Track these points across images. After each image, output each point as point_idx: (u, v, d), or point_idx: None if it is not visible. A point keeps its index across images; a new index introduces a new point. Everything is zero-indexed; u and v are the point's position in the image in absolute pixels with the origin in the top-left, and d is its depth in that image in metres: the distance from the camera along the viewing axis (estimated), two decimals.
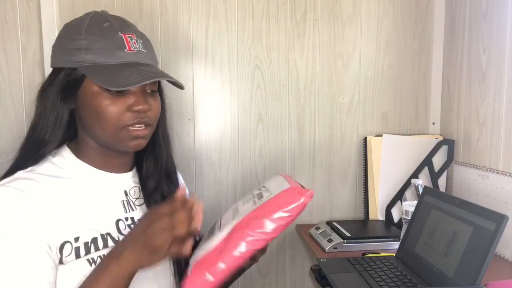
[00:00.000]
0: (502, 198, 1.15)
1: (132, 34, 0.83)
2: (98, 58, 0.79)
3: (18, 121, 1.35)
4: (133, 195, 0.91)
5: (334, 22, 1.46)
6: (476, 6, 1.29)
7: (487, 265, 0.82)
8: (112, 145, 0.83)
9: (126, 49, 0.81)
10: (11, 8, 1.32)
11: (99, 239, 0.80)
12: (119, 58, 0.80)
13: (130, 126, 0.80)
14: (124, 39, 0.81)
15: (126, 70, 0.78)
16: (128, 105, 0.80)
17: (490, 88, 1.22)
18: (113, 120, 0.79)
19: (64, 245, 0.75)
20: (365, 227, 1.43)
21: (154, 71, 0.82)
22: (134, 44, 0.82)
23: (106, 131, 0.80)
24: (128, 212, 0.87)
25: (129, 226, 0.86)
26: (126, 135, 0.81)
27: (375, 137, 1.46)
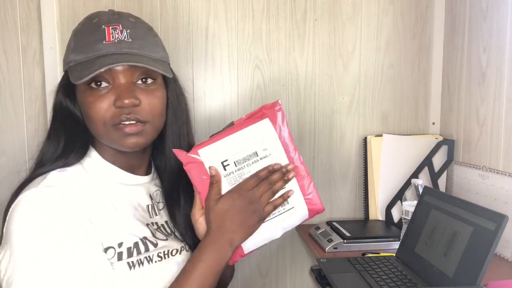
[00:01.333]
0: (502, 198, 1.15)
1: (118, 25, 0.78)
2: (79, 55, 0.76)
3: (18, 121, 1.35)
4: (156, 199, 0.89)
5: (334, 22, 1.46)
6: (476, 6, 1.29)
7: (487, 265, 0.82)
8: (112, 145, 0.81)
9: (105, 41, 0.76)
10: (11, 8, 1.32)
11: (140, 243, 0.79)
12: (96, 51, 0.75)
13: (118, 123, 0.76)
14: (106, 31, 0.76)
15: (96, 61, 0.74)
16: (112, 101, 0.75)
17: (490, 88, 1.22)
18: (98, 118, 0.76)
19: (107, 249, 0.75)
20: (365, 227, 1.43)
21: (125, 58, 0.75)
22: (117, 34, 0.77)
23: (97, 130, 0.78)
24: (152, 217, 0.86)
25: (156, 230, 0.85)
26: (118, 134, 0.77)
27: (375, 137, 1.46)
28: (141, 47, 0.79)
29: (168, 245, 0.84)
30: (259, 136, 0.81)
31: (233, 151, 0.81)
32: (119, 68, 0.76)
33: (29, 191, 0.72)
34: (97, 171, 0.82)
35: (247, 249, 0.83)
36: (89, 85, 0.76)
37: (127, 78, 0.76)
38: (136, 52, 0.77)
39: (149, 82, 0.79)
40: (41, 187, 0.73)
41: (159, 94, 0.81)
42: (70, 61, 0.78)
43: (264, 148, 0.81)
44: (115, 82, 0.76)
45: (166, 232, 0.87)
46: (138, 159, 0.87)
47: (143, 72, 0.78)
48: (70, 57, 0.78)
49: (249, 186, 0.79)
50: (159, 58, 0.82)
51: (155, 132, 0.82)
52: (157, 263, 0.80)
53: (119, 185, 0.83)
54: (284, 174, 0.81)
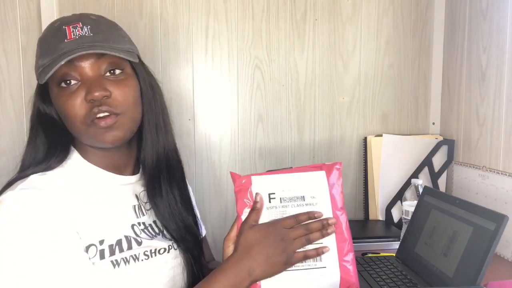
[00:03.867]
0: (502, 198, 1.15)
1: (78, 23, 0.77)
2: (44, 60, 0.77)
3: (18, 121, 1.35)
4: (144, 199, 0.88)
5: (334, 22, 1.46)
6: (476, 6, 1.29)
7: (487, 265, 0.82)
8: (93, 144, 0.80)
9: (66, 39, 0.75)
10: (11, 8, 1.32)
11: (123, 240, 0.79)
12: (59, 51, 0.75)
13: (94, 118, 0.75)
14: (66, 30, 0.76)
15: (58, 60, 0.74)
16: (83, 97, 0.75)
17: (490, 88, 1.22)
18: (73, 115, 0.76)
19: (89, 247, 0.74)
20: (365, 227, 1.43)
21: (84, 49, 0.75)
22: (77, 31, 0.76)
23: (76, 129, 0.77)
24: (139, 217, 0.85)
25: (143, 230, 0.84)
26: (95, 129, 0.76)
27: (375, 137, 1.46)
28: (104, 40, 0.78)
29: (154, 244, 0.84)
30: (311, 184, 0.82)
31: (282, 188, 0.81)
32: (85, 63, 0.76)
33: (5, 195, 0.71)
34: (79, 173, 0.81)
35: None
36: (59, 85, 0.76)
37: (95, 71, 0.76)
38: (98, 44, 0.77)
39: (117, 72, 0.79)
40: (18, 189, 0.72)
41: (130, 83, 0.80)
42: (39, 67, 0.78)
43: (313, 196, 0.81)
44: (84, 78, 0.76)
45: (153, 232, 0.86)
46: (122, 159, 0.86)
47: (110, 64, 0.78)
48: (38, 63, 0.78)
49: (287, 225, 0.77)
50: (125, 49, 0.80)
51: (132, 123, 0.81)
52: (143, 261, 0.80)
53: (103, 187, 0.82)
54: (324, 226, 0.78)
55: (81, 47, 0.75)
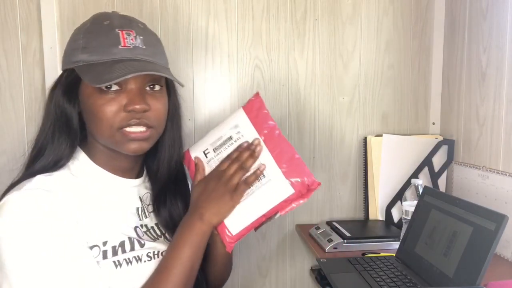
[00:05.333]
0: (502, 198, 1.15)
1: (131, 30, 0.79)
2: (92, 57, 0.76)
3: (18, 121, 1.35)
4: (146, 201, 0.90)
5: (334, 22, 1.46)
6: (476, 6, 1.29)
7: (487, 265, 0.82)
8: (113, 148, 0.81)
9: (121, 46, 0.77)
10: (11, 8, 1.32)
11: (127, 242, 0.79)
12: (112, 55, 0.76)
13: (126, 127, 0.77)
14: (120, 35, 0.77)
15: (115, 66, 0.75)
16: (123, 105, 0.76)
17: (490, 88, 1.22)
18: (107, 121, 0.76)
19: (92, 248, 0.75)
20: (365, 227, 1.43)
21: (144, 66, 0.77)
22: (131, 40, 0.78)
23: (103, 132, 0.78)
24: (142, 219, 0.87)
25: (145, 232, 0.85)
26: (123, 138, 0.78)
27: (375, 137, 1.46)
28: (153, 54, 0.81)
29: (156, 246, 0.84)
30: (234, 124, 0.89)
31: (212, 141, 0.90)
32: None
33: (11, 195, 0.72)
34: (85, 175, 0.81)
35: (235, 230, 0.85)
36: (98, 88, 0.76)
37: (138, 84, 0.78)
38: (150, 60, 0.79)
39: (156, 88, 0.81)
40: (24, 190, 0.72)
41: (164, 100, 0.84)
42: (79, 61, 0.77)
43: (238, 131, 0.88)
44: (127, 87, 0.77)
45: (155, 235, 0.87)
46: (131, 162, 0.87)
47: (152, 79, 0.80)
48: (80, 57, 0.77)
49: (222, 167, 0.85)
50: (167, 66, 0.86)
51: (157, 137, 0.84)
52: (146, 262, 0.80)
53: (108, 188, 0.83)
54: (252, 150, 0.85)
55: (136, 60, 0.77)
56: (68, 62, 0.79)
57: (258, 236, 1.47)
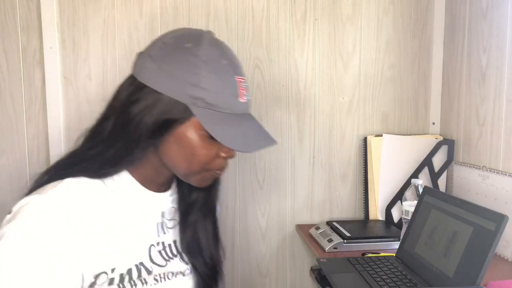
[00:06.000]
0: (502, 198, 1.15)
1: (244, 77, 0.78)
2: (212, 102, 0.73)
3: (18, 121, 1.35)
4: (168, 216, 0.86)
5: (334, 22, 1.45)
6: (476, 6, 1.29)
7: (487, 265, 0.82)
8: (184, 178, 0.81)
9: (239, 98, 0.76)
10: (11, 8, 1.32)
11: (134, 270, 0.77)
12: (233, 108, 0.75)
13: (213, 169, 0.79)
14: (237, 84, 0.75)
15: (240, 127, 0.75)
16: (219, 151, 0.77)
17: (490, 88, 1.22)
18: (205, 163, 0.77)
19: (100, 274, 0.72)
20: (365, 227, 1.43)
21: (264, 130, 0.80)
22: (245, 92, 0.77)
23: (192, 169, 0.77)
24: (159, 236, 0.84)
25: (160, 252, 0.82)
26: (207, 175, 0.80)
27: (375, 137, 1.46)
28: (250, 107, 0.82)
29: (168, 269, 0.82)
30: None
31: None
32: None
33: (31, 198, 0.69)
34: (116, 187, 0.78)
35: None
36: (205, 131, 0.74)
37: None
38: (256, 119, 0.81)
39: None
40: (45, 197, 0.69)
41: None
42: (198, 99, 0.72)
43: None
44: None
45: (170, 254, 0.85)
46: (168, 179, 0.85)
47: None
48: (198, 94, 0.72)
49: None
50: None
51: None
52: (152, 286, 0.78)
53: (134, 201, 0.80)
54: None
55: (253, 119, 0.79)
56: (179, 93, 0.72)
57: (258, 236, 1.48)
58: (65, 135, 1.35)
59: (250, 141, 0.77)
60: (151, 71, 0.74)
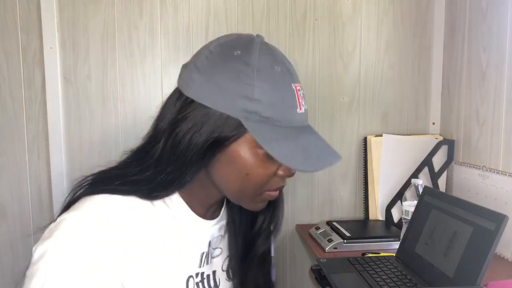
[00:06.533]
0: (502, 198, 1.15)
1: (300, 84, 0.69)
2: (267, 115, 0.64)
3: (18, 121, 1.35)
4: (213, 245, 0.80)
5: (334, 22, 1.45)
6: (476, 6, 1.29)
7: (487, 265, 0.82)
8: (236, 201, 0.73)
9: (297, 109, 0.67)
10: (11, 8, 1.32)
11: None
12: (289, 121, 0.66)
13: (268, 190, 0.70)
14: (295, 94, 0.67)
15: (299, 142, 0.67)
16: (277, 170, 0.69)
17: (490, 88, 1.22)
18: (260, 184, 0.68)
19: None
20: (365, 227, 1.43)
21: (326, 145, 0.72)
22: (303, 101, 0.69)
23: (246, 191, 0.69)
24: (201, 266, 0.76)
25: (197, 284, 0.75)
26: (262, 198, 0.71)
27: (375, 137, 1.46)
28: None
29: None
30: None
31: None
32: None
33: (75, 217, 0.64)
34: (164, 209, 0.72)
35: None
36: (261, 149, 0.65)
37: None
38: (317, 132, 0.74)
39: None
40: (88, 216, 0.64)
41: None
42: (251, 112, 0.64)
43: None
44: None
45: (208, 286, 0.78)
46: (218, 201, 0.78)
47: None
48: (252, 107, 0.64)
49: None
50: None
51: None
52: None
53: (181, 228, 0.73)
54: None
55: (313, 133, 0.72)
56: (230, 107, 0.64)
57: None
58: (65, 135, 1.35)
59: (312, 158, 0.68)
60: (198, 84, 0.67)
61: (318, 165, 0.69)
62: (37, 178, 1.37)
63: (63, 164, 1.36)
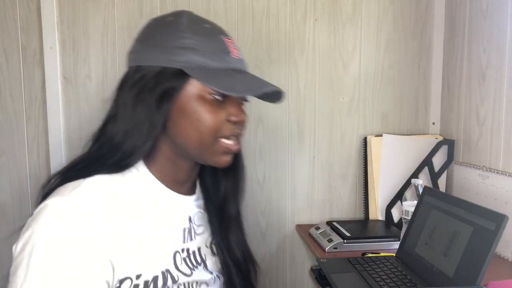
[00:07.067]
0: (502, 198, 1.15)
1: (232, 39, 0.78)
2: (205, 60, 0.72)
3: (18, 121, 1.35)
4: (196, 222, 0.84)
5: (334, 22, 1.46)
6: (476, 6, 1.29)
7: (487, 265, 0.82)
8: (199, 157, 0.77)
9: (231, 55, 0.75)
10: (11, 8, 1.32)
11: (160, 277, 0.73)
12: (227, 63, 0.74)
13: (225, 138, 0.75)
14: (227, 42, 0.75)
15: (238, 76, 0.73)
16: (228, 114, 0.74)
17: (490, 88, 1.22)
18: (213, 129, 0.73)
19: (124, 280, 0.69)
20: (365, 227, 1.43)
21: (264, 81, 0.77)
22: (237, 51, 0.77)
23: (202, 140, 0.73)
24: (186, 242, 0.80)
25: (184, 259, 0.79)
26: (220, 148, 0.75)
27: (375, 137, 1.46)
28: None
29: (191, 280, 0.79)
30: None
31: None
32: None
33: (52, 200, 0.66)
34: (138, 185, 0.75)
35: None
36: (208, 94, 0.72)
37: (240, 97, 0.78)
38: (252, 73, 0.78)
39: (246, 102, 0.81)
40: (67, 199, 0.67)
41: None
42: (189, 62, 0.71)
43: None
44: (232, 97, 0.75)
45: (195, 262, 0.81)
46: (191, 175, 0.82)
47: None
48: (190, 57, 0.71)
49: None
50: None
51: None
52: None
53: (160, 203, 0.77)
54: None
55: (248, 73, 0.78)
56: (170, 60, 0.72)
57: (258, 236, 1.48)
58: (65, 135, 1.35)
59: (254, 88, 0.74)
60: (139, 51, 0.75)
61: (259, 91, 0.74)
62: (37, 178, 1.37)
63: (63, 164, 1.35)
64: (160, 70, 0.72)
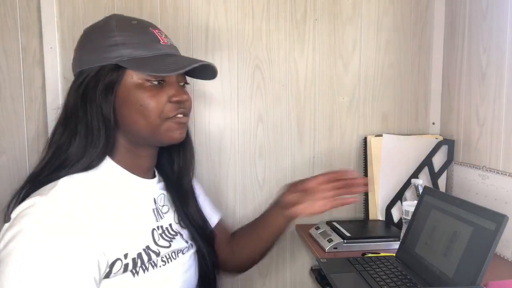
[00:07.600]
0: (502, 198, 1.15)
1: (160, 30, 0.86)
2: (136, 52, 0.80)
3: (18, 121, 1.35)
4: (160, 203, 0.92)
5: (334, 22, 1.45)
6: (476, 6, 1.29)
7: (487, 265, 0.82)
8: (154, 140, 0.85)
9: (161, 42, 0.83)
10: (11, 8, 1.32)
11: (143, 253, 0.81)
12: (158, 50, 0.82)
13: (171, 117, 0.83)
14: (156, 34, 0.84)
15: (168, 59, 0.81)
16: (168, 96, 0.82)
17: (490, 88, 1.22)
18: (156, 111, 0.81)
19: (115, 262, 0.75)
20: (365, 227, 1.43)
21: (194, 59, 0.85)
22: (165, 38, 0.85)
23: (151, 124, 0.81)
24: (158, 220, 0.89)
25: (161, 235, 0.87)
26: (171, 125, 0.83)
27: (375, 137, 1.46)
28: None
29: (170, 250, 0.87)
30: None
31: None
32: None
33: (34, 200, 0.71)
34: (108, 178, 0.82)
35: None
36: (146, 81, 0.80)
37: (179, 79, 0.86)
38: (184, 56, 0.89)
39: (186, 84, 0.90)
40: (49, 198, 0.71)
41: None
42: (122, 56, 0.79)
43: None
44: (170, 80, 0.83)
45: (170, 235, 0.90)
46: (150, 161, 0.90)
47: (184, 76, 0.89)
48: (121, 52, 0.79)
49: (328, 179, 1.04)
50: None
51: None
52: (161, 267, 0.83)
53: (128, 189, 0.85)
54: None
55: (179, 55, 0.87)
56: (104, 58, 0.80)
57: None
58: None
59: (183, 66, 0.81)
60: (79, 58, 0.83)
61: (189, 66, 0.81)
62: None
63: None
64: (99, 69, 0.80)
